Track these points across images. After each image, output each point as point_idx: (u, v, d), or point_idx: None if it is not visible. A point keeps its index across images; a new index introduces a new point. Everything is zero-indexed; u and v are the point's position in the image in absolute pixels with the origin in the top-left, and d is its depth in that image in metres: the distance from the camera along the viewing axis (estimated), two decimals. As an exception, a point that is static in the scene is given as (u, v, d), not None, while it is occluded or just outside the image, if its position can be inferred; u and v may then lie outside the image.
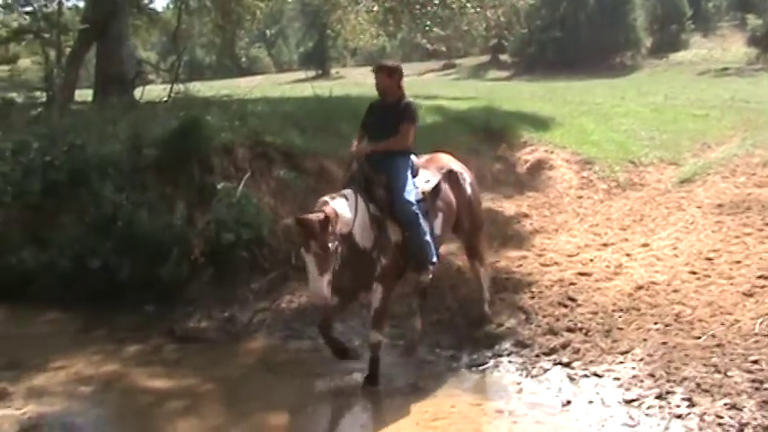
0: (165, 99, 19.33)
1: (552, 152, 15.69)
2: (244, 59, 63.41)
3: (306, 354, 9.52)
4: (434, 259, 8.73)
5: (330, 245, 7.58)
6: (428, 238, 8.55)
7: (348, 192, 8.28)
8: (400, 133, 8.57)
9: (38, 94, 23.23)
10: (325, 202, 7.90)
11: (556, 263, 11.49)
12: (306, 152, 13.20)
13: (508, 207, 13.84)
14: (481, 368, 8.94)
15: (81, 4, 25.30)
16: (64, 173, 12.26)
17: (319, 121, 15.11)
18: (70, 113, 17.72)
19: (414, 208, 8.41)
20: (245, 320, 10.56)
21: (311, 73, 61.11)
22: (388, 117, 8.66)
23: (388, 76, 8.75)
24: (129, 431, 7.71)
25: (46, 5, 22.55)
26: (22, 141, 13.44)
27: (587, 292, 10.45)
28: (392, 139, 8.58)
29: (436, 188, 8.99)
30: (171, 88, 20.74)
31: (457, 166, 9.64)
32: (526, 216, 13.45)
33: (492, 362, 9.04)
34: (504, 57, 53.61)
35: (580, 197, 14.29)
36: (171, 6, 35.95)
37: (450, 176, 9.35)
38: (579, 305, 10.09)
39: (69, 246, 11.50)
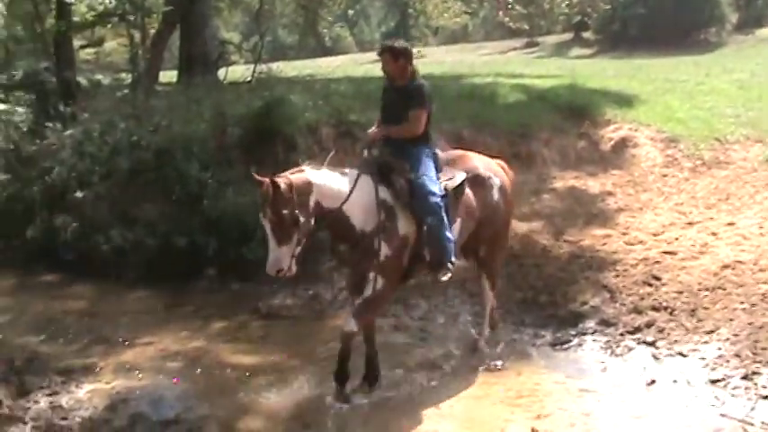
0: (249, 79, 19.45)
1: (636, 130, 15.46)
2: (326, 39, 63.45)
3: (388, 331, 9.55)
4: (453, 259, 8.05)
5: (286, 213, 7.09)
6: (449, 234, 7.95)
7: (351, 169, 7.94)
8: (410, 120, 7.99)
9: (123, 75, 23.58)
10: (300, 170, 7.54)
11: (640, 241, 11.32)
12: (388, 131, 13.17)
13: (592, 185, 13.68)
14: (565, 346, 8.93)
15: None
16: (150, 152, 12.44)
17: (401, 99, 15.08)
18: (155, 94, 17.91)
19: (438, 200, 7.83)
20: (328, 298, 10.65)
21: (393, 52, 60.98)
22: (398, 102, 8.10)
23: (393, 60, 8.09)
24: (216, 406, 7.76)
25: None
26: (109, 122, 13.67)
27: (672, 270, 10.29)
28: (402, 126, 8.05)
29: (459, 188, 8.27)
30: (254, 68, 20.84)
31: (486, 169, 8.79)
32: (610, 194, 13.28)
33: (576, 340, 9.03)
34: (586, 34, 52.86)
35: (665, 175, 14.07)
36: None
37: (476, 180, 8.55)
38: (664, 284, 9.97)
39: (156, 224, 11.67)
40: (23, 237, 12.78)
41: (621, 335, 8.99)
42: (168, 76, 24.84)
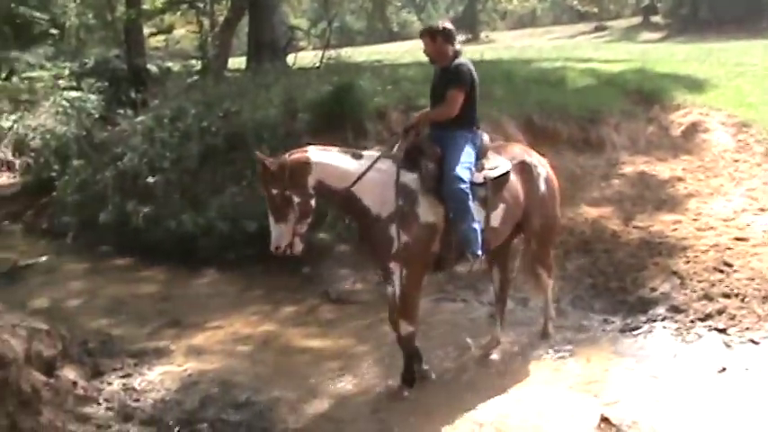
0: (317, 65, 19.52)
1: (707, 115, 15.26)
2: (394, 25, 63.39)
3: (458, 316, 9.59)
4: (478, 251, 7.62)
5: (276, 192, 7.19)
6: (475, 225, 7.55)
7: (370, 152, 7.94)
8: (446, 100, 7.71)
9: (193, 62, 23.81)
10: (303, 150, 7.51)
11: (711, 227, 11.16)
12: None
13: (662, 170, 13.52)
14: (635, 333, 8.82)
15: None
16: (220, 138, 12.55)
17: (472, 84, 15.02)
18: (224, 81, 18.05)
19: (464, 187, 7.50)
20: (398, 283, 10.64)
21: (461, 37, 60.79)
22: (440, 83, 7.86)
23: (432, 41, 7.87)
24: (286, 390, 7.80)
25: (198, -24, 23.02)
26: (179, 108, 13.82)
27: (744, 257, 10.13)
28: (439, 107, 7.83)
29: (502, 177, 7.94)
30: (323, 54, 20.94)
31: (532, 157, 8.45)
32: (680, 180, 13.12)
33: (646, 327, 8.92)
34: (656, 18, 52.29)
35: (736, 161, 13.86)
36: (321, -28, 36.26)
37: (523, 167, 8.21)
38: (735, 270, 9.81)
39: (226, 209, 11.77)
40: (96, 221, 12.97)
41: (692, 322, 8.87)
42: (237, 62, 24.99)
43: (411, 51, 28.53)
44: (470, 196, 7.54)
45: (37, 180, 17.21)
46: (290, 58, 21.25)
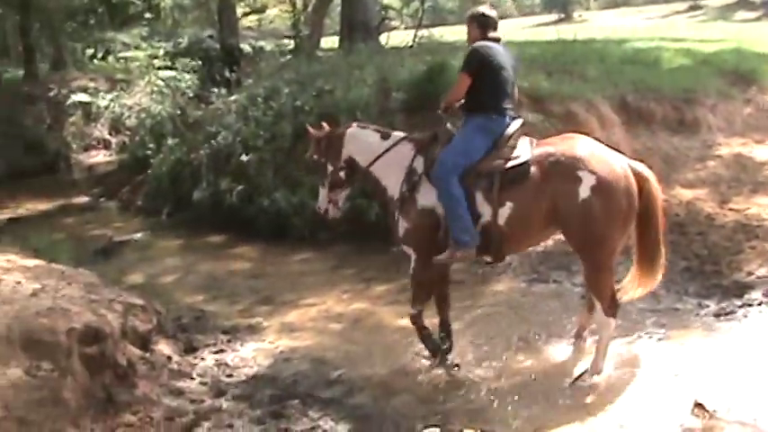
0: (410, 44, 19.48)
1: (807, 94, 14.98)
2: (487, 4, 63.17)
3: (549, 297, 9.47)
4: (464, 239, 7.26)
5: (315, 158, 8.09)
6: (461, 212, 7.19)
7: (398, 133, 8.07)
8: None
9: (285, 41, 23.95)
10: (349, 125, 8.36)
11: (810, 211, 10.95)
12: (553, 96, 12.98)
13: (759, 152, 13.26)
14: (730, 317, 8.61)
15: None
16: (314, 117, 12.54)
17: (565, 64, 14.87)
18: (317, 60, 18.10)
19: (445, 172, 7.26)
20: (491, 262, 10.59)
21: (553, 17, 60.17)
22: None
23: (468, 24, 7.79)
24: (377, 367, 7.82)
25: (293, -44, 23.12)
26: (273, 87, 13.90)
27: None
28: (448, 92, 7.87)
29: (516, 170, 7.20)
30: (415, 33, 20.89)
31: (582, 156, 7.07)
32: (778, 161, 12.89)
33: (741, 311, 8.69)
34: (752, -4, 51.37)
35: (837, 142, 13.59)
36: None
37: (556, 165, 7.10)
38: (835, 254, 9.59)
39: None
40: (190, 199, 13.14)
41: (790, 307, 8.70)
42: (329, 41, 25.07)
43: (504, 31, 28.35)
44: (454, 183, 7.23)
45: (132, 158, 17.53)
46: (382, 38, 21.22)
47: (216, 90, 17.84)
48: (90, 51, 31.91)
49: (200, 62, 24.09)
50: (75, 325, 6.65)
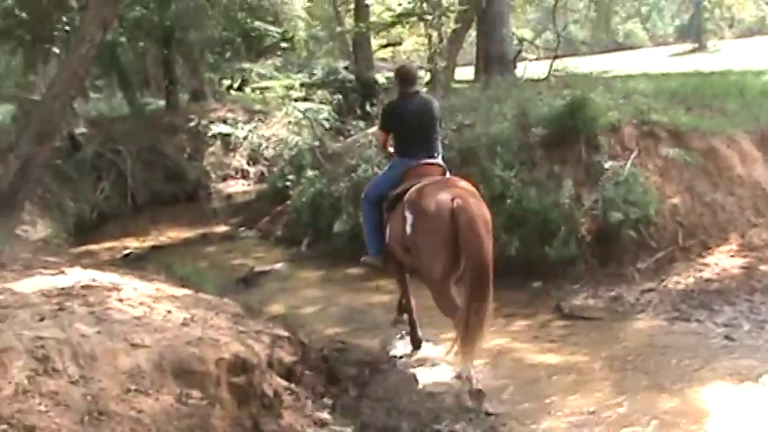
0: (546, 77, 19.42)
1: None
2: (619, 34, 62.59)
3: (692, 336, 9.25)
4: (369, 250, 9.52)
5: None
6: (368, 228, 9.41)
7: None
8: None
9: (420, 74, 24.09)
10: None
11: None
12: (692, 131, 12.75)
13: None
14: None
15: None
16: (455, 151, 12.63)
17: (704, 97, 14.60)
18: (453, 93, 18.18)
19: (363, 196, 9.56)
20: (631, 300, 10.43)
21: (687, 46, 59.39)
22: None
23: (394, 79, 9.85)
24: (518, 404, 7.78)
25: (428, -12, 23.26)
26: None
27: None
28: None
29: (394, 199, 8.77)
30: (551, 65, 20.82)
31: (416, 196, 8.28)
32: None
33: None
34: None
35: None
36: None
37: (407, 198, 8.40)
38: None
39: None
40: (330, 231, 13.30)
41: None
42: (460, 72, 25.15)
43: (637, 62, 28.01)
44: (368, 207, 9.34)
45: (272, 188, 17.82)
46: (518, 70, 21.21)
47: (354, 122, 18.07)
48: (227, 82, 32.62)
49: (335, 94, 24.43)
50: (224, 355, 6.77)
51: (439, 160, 9.14)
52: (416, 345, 9.36)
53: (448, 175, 9.09)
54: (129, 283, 8.72)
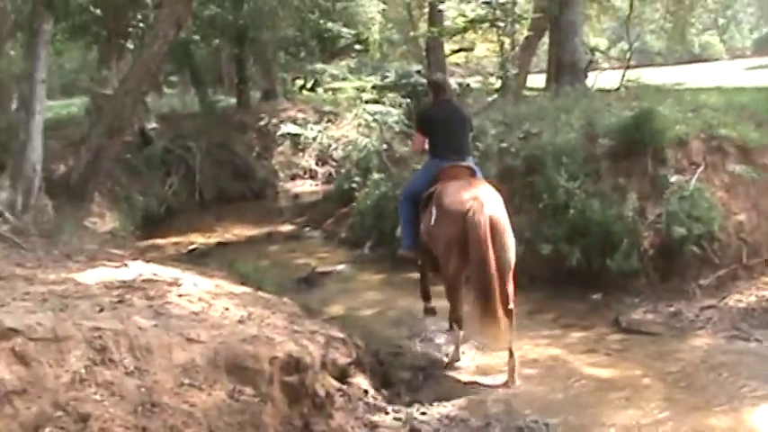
0: (617, 87, 19.29)
1: None
2: (695, 46, 61.82)
3: (751, 356, 9.12)
4: (405, 243, 10.11)
5: None
6: (405, 224, 10.04)
7: None
8: None
9: (492, 80, 24.08)
10: None
11: None
12: (761, 147, 12.55)
13: None
14: None
15: (535, -6, 25.87)
16: (519, 159, 12.62)
17: (777, 113, 14.36)
18: (523, 101, 18.14)
19: (402, 195, 10.42)
20: (690, 316, 10.31)
21: (765, 60, 58.50)
22: None
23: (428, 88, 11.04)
24: (569, 416, 7.75)
25: (502, -4, 23.24)
26: (479, 127, 13.99)
27: None
28: None
29: (428, 197, 9.32)
30: (622, 76, 20.68)
31: (443, 192, 9.00)
32: None
33: None
34: None
35: None
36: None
37: (436, 194, 9.14)
38: None
39: (522, 230, 11.80)
40: (393, 234, 13.34)
41: None
42: (533, 78, 25.07)
43: (711, 74, 27.66)
44: (405, 203, 10.02)
45: (338, 190, 17.95)
46: (589, 79, 21.08)
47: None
48: (299, 82, 32.81)
49: (406, 98, 24.45)
50: (278, 354, 6.86)
51: (468, 162, 9.81)
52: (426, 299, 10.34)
53: (479, 175, 9.69)
54: (189, 279, 8.87)
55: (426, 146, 10.07)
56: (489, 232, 8.29)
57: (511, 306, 8.63)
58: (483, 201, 8.48)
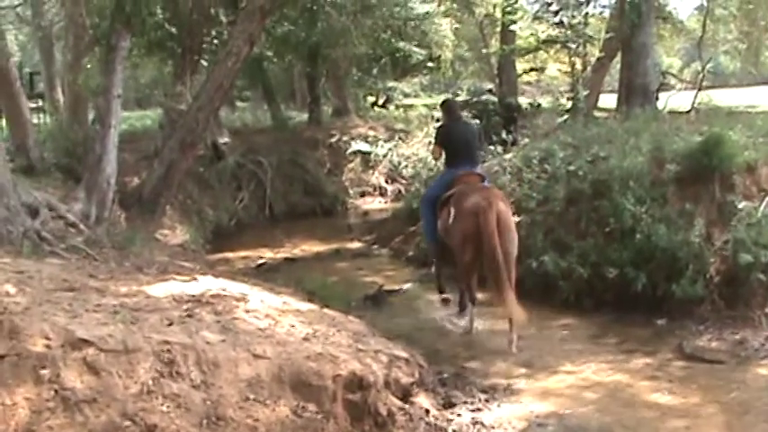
0: (689, 110, 19.20)
1: None
2: (769, 68, 60.87)
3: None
4: (427, 238, 12.59)
5: None
6: (426, 225, 12.27)
7: None
8: None
9: (562, 101, 24.07)
10: None
11: None
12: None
13: None
14: None
15: (607, 15, 25.81)
16: (587, 183, 12.64)
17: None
18: (593, 122, 18.10)
19: (424, 199, 12.35)
20: (755, 345, 10.18)
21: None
22: None
23: (441, 109, 13.63)
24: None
25: (573, 16, 23.24)
26: (548, 150, 14.07)
27: None
28: None
29: (445, 199, 11.25)
30: (694, 98, 20.58)
31: (458, 195, 10.96)
32: None
33: None
34: None
35: None
36: (695, 14, 35.66)
37: (453, 197, 11.04)
38: None
39: (588, 254, 11.85)
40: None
41: None
42: (604, 98, 24.96)
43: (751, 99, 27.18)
44: (426, 205, 11.99)
45: (407, 208, 17.97)
46: (661, 100, 21.00)
47: (492, 147, 18.15)
48: (371, 99, 32.97)
49: (477, 116, 24.52)
50: (342, 372, 6.97)
51: (478, 170, 11.93)
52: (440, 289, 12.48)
53: (486, 182, 11.75)
54: (256, 295, 9.00)
55: (443, 156, 12.05)
56: (497, 229, 10.10)
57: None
58: (493, 202, 10.26)
